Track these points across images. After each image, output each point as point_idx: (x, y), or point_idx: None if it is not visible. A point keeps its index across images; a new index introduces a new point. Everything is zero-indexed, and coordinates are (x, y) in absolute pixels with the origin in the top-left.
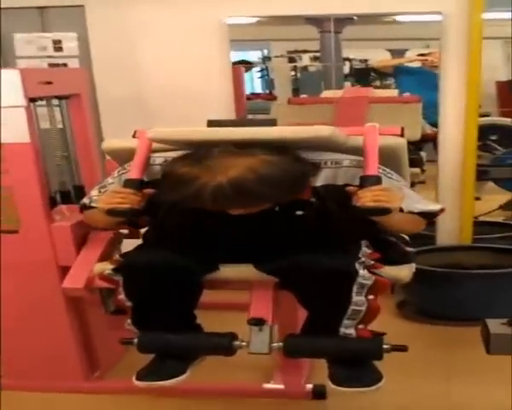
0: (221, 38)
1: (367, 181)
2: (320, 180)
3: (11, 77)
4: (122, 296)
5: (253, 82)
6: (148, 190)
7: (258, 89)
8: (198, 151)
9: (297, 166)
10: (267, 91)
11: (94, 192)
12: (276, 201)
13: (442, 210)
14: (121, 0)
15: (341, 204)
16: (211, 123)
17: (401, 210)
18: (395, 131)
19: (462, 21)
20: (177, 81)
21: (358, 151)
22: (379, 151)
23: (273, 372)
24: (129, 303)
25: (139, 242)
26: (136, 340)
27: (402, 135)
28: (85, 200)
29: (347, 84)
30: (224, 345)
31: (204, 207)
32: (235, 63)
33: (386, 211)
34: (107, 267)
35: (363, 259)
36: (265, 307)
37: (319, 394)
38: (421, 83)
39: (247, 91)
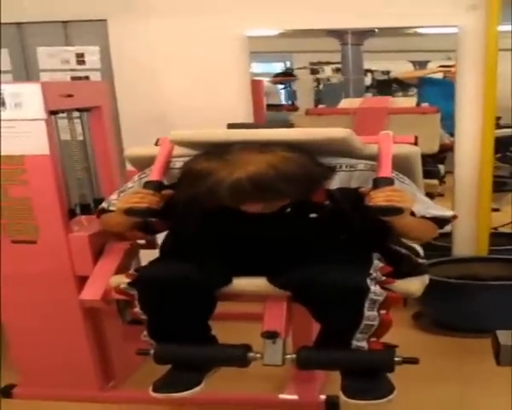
0: (241, 51)
1: (380, 182)
2: (335, 183)
3: (33, 90)
4: (138, 309)
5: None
6: (167, 192)
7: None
8: (218, 148)
9: (314, 166)
10: (290, 103)
11: (113, 196)
12: (293, 197)
13: (455, 217)
14: (142, 14)
15: (355, 207)
16: (231, 126)
17: (413, 215)
18: (409, 139)
19: (477, 34)
20: (197, 93)
21: (373, 158)
22: (393, 159)
23: (286, 383)
24: (144, 316)
25: (156, 253)
26: (152, 351)
27: (416, 143)
28: (104, 204)
29: (368, 95)
30: (239, 357)
31: (220, 202)
32: (276, 75)
33: (397, 210)
34: (122, 281)
35: (374, 274)
36: (279, 320)
37: (332, 405)
38: (444, 94)
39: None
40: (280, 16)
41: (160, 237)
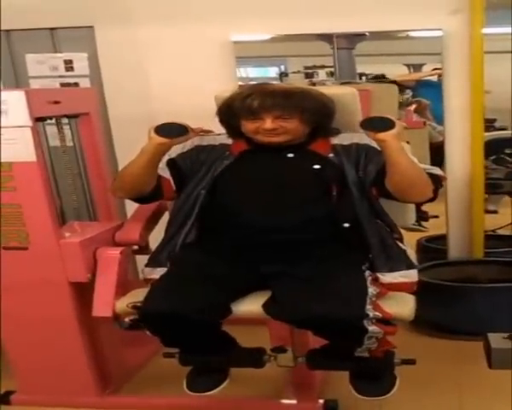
0: (227, 56)
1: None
2: (338, 139)
3: (17, 97)
4: (149, 333)
5: None
6: (199, 128)
7: None
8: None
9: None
10: None
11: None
12: (310, 115)
13: (444, 177)
14: (129, 20)
15: (353, 161)
16: None
17: None
18: None
19: (462, 37)
20: (186, 98)
21: None
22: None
23: (285, 387)
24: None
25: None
26: (177, 355)
27: None
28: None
29: None
30: (255, 359)
31: (247, 113)
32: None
33: (389, 121)
34: (128, 311)
35: (371, 314)
36: (284, 336)
37: (331, 409)
38: (440, 96)
39: None
40: (269, 21)
41: (153, 244)
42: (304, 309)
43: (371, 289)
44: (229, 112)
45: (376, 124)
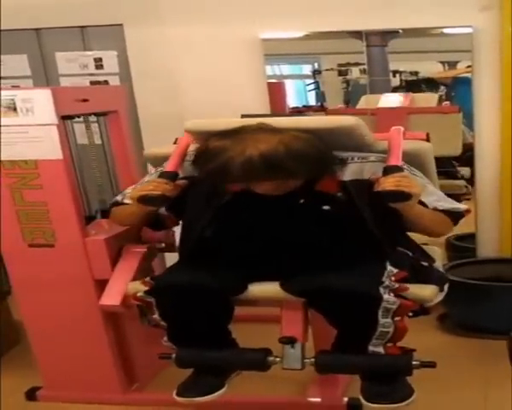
0: (256, 53)
1: (389, 170)
2: (347, 175)
3: (43, 96)
4: (156, 316)
5: (307, 94)
6: (182, 181)
7: (312, 101)
8: (231, 131)
9: (325, 148)
10: (318, 104)
11: (128, 190)
12: (303, 176)
13: (468, 211)
14: (158, 18)
15: (367, 198)
16: (244, 117)
17: (425, 206)
18: (421, 135)
19: (492, 34)
20: (214, 95)
21: (385, 153)
22: (404, 155)
23: (309, 385)
24: (163, 323)
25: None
26: (174, 356)
27: (428, 140)
28: (118, 197)
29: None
30: (259, 361)
31: (232, 180)
32: None
33: (405, 195)
34: (139, 288)
35: (387, 282)
36: (296, 325)
37: (355, 407)
38: None
39: (300, 104)
40: (299, 19)
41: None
42: (319, 280)
43: (390, 268)
44: (209, 174)
45: (392, 196)
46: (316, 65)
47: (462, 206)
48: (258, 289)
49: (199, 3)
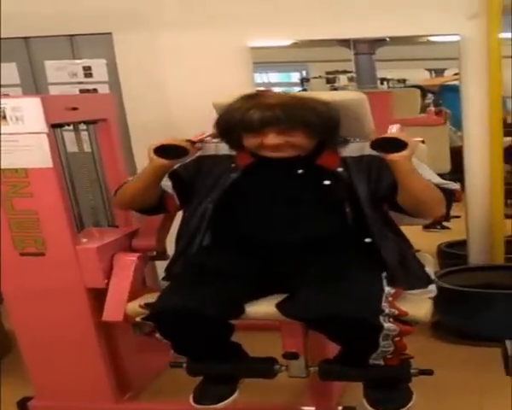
0: (244, 61)
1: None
2: (348, 151)
3: (32, 104)
4: (158, 335)
5: None
6: (199, 145)
7: None
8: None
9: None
10: None
11: (130, 178)
12: (313, 129)
13: (460, 192)
14: (147, 27)
15: (365, 175)
16: None
17: None
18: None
19: (479, 42)
20: (204, 102)
21: None
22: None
23: (303, 394)
24: (167, 341)
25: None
26: (184, 365)
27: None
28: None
29: None
30: (266, 369)
31: (251, 127)
32: None
33: (401, 142)
34: (138, 311)
35: (387, 311)
36: (297, 341)
37: None
38: None
39: None
40: (288, 27)
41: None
42: (319, 307)
43: (388, 288)
44: (229, 127)
45: (388, 144)
46: (304, 73)
47: (454, 184)
48: (256, 310)
49: (187, 12)
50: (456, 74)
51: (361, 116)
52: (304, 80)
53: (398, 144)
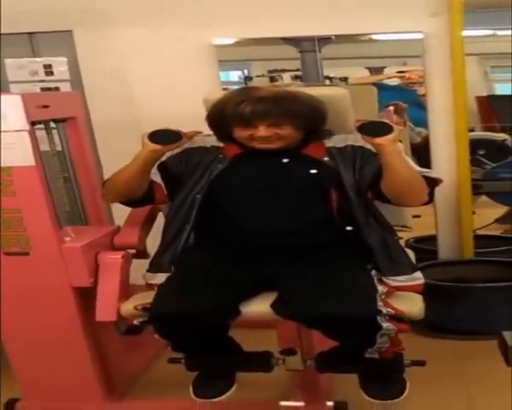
0: (210, 59)
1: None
2: (332, 142)
3: (14, 102)
4: (157, 336)
5: None
6: (193, 132)
7: None
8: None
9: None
10: None
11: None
12: (302, 119)
13: (440, 180)
14: (108, 24)
15: (350, 163)
16: None
17: None
18: None
19: (442, 40)
20: (169, 100)
21: None
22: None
23: (291, 390)
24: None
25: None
26: (183, 361)
27: None
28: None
29: None
30: (264, 363)
31: (239, 121)
32: None
33: (386, 126)
34: (133, 313)
35: (384, 311)
36: (292, 338)
37: None
38: (400, 99)
39: None
40: (233, 25)
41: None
42: (313, 307)
43: (380, 288)
44: (221, 118)
45: (373, 128)
46: (246, 72)
47: (434, 173)
48: (251, 310)
49: (147, 9)
50: (398, 72)
51: (344, 110)
52: (247, 79)
53: (383, 128)
